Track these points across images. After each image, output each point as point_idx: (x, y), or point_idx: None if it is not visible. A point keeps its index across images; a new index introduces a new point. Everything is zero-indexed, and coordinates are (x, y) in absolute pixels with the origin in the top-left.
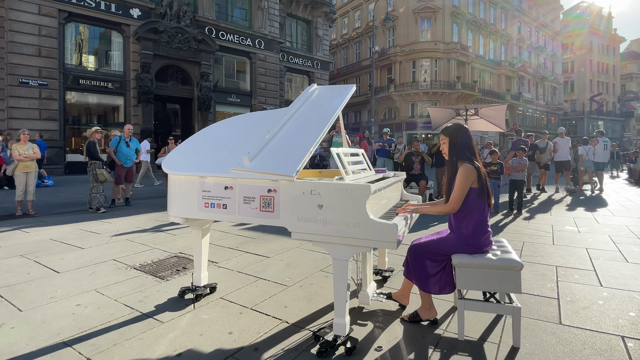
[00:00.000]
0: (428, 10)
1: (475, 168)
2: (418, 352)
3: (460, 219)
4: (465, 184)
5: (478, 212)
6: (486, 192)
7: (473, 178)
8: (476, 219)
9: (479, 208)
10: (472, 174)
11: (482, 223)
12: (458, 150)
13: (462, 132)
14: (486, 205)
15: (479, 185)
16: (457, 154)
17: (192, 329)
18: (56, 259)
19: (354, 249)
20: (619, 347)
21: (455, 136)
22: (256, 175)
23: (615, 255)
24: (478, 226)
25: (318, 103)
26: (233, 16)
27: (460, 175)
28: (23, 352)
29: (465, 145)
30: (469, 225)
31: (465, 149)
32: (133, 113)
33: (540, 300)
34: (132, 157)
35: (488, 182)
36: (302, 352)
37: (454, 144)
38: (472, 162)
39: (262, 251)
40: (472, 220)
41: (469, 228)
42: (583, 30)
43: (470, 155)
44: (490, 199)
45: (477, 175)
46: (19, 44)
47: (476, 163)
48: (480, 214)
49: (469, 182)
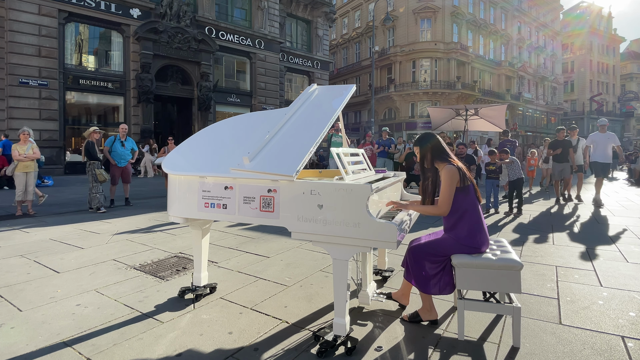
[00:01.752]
0: (428, 10)
1: (457, 168)
2: (418, 352)
3: (454, 220)
4: (451, 184)
5: (471, 211)
6: (472, 191)
7: (456, 178)
8: (470, 218)
9: (471, 207)
10: (455, 175)
11: (476, 222)
12: (431, 156)
13: (429, 138)
14: (478, 204)
15: (462, 184)
16: (432, 159)
17: (192, 329)
18: (56, 259)
19: (354, 249)
20: (619, 347)
21: (424, 144)
22: (256, 175)
23: (615, 255)
24: (473, 226)
25: (318, 103)
26: (233, 16)
27: (445, 177)
28: (23, 352)
29: (436, 150)
30: (464, 226)
31: (438, 153)
32: (133, 113)
33: (540, 300)
34: (126, 157)
35: (472, 179)
36: (302, 352)
37: (425, 152)
38: (451, 162)
39: (262, 251)
40: (466, 220)
41: (464, 229)
42: (583, 30)
43: (445, 156)
44: (480, 197)
45: (460, 175)
46: (19, 44)
47: (456, 163)
48: (473, 213)
49: (453, 183)
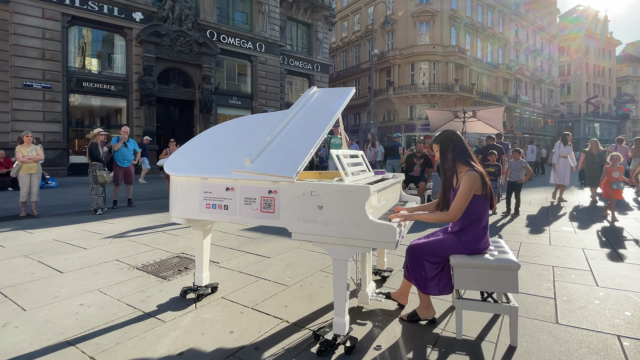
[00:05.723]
0: (426, 14)
1: (479, 174)
2: (416, 351)
3: (464, 224)
4: (470, 192)
5: (482, 218)
6: (490, 198)
7: (478, 185)
8: (478, 225)
9: (484, 214)
10: (477, 182)
11: (484, 229)
12: (453, 156)
13: (455, 138)
14: (488, 210)
15: (484, 192)
16: (454, 159)
17: (194, 328)
18: (60, 259)
19: (354, 249)
20: (614, 346)
21: (447, 143)
22: (257, 176)
23: (611, 255)
24: (480, 231)
25: (318, 105)
26: (234, 20)
27: (465, 183)
28: (27, 351)
29: (458, 150)
30: (471, 231)
31: (461, 154)
32: (135, 115)
33: (537, 300)
34: (129, 158)
35: (491, 186)
36: (302, 351)
37: (447, 151)
38: (474, 167)
39: (262, 251)
40: (475, 226)
41: (470, 234)
42: (579, 33)
43: (468, 159)
44: (495, 203)
45: (481, 181)
46: (23, 47)
47: (478, 168)
48: (483, 220)
49: (472, 191)
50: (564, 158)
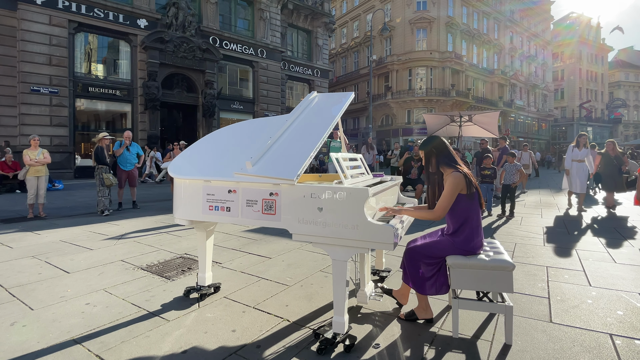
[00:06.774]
0: (424, 21)
1: (464, 175)
2: (414, 350)
3: (457, 225)
4: (453, 192)
5: (473, 217)
6: (477, 197)
7: (462, 185)
8: (470, 224)
9: (474, 213)
10: (460, 182)
11: (476, 228)
12: (436, 161)
13: (437, 143)
14: (479, 210)
15: (468, 191)
16: (438, 164)
17: (197, 327)
18: (66, 260)
19: (353, 250)
20: (607, 344)
21: (429, 149)
22: (258, 179)
23: (604, 256)
24: (472, 231)
25: (318, 110)
26: (236, 26)
27: (450, 184)
28: (34, 349)
29: (442, 154)
30: (464, 231)
31: (443, 157)
32: (140, 119)
33: (531, 299)
34: (132, 161)
35: (478, 186)
36: (302, 349)
37: (431, 156)
38: (457, 169)
39: (264, 252)
40: (467, 226)
41: (462, 234)
42: (573, 40)
43: (451, 162)
44: (483, 203)
45: (465, 182)
46: (30, 53)
47: (462, 169)
48: (474, 219)
49: (456, 191)
50: (579, 162)
